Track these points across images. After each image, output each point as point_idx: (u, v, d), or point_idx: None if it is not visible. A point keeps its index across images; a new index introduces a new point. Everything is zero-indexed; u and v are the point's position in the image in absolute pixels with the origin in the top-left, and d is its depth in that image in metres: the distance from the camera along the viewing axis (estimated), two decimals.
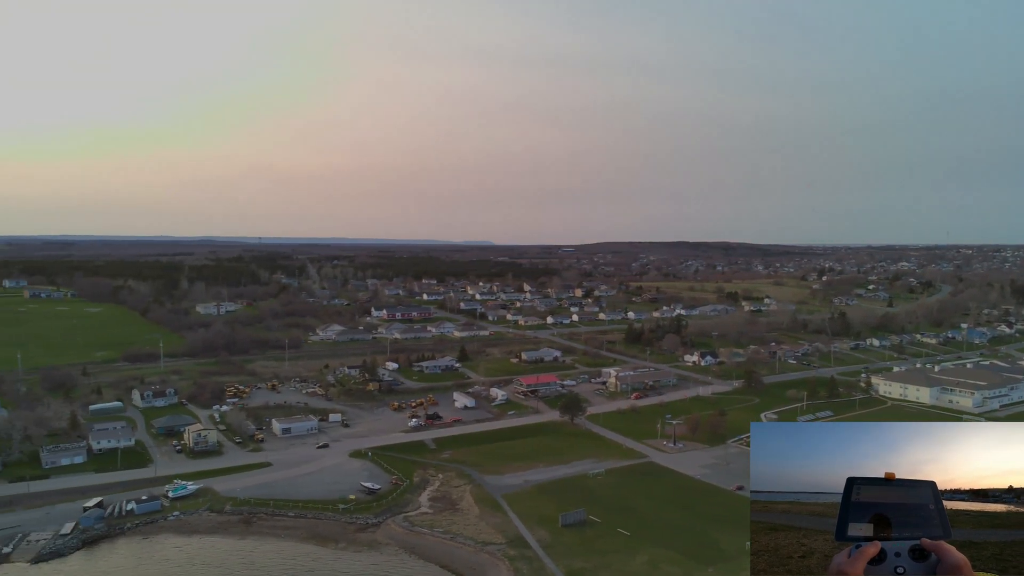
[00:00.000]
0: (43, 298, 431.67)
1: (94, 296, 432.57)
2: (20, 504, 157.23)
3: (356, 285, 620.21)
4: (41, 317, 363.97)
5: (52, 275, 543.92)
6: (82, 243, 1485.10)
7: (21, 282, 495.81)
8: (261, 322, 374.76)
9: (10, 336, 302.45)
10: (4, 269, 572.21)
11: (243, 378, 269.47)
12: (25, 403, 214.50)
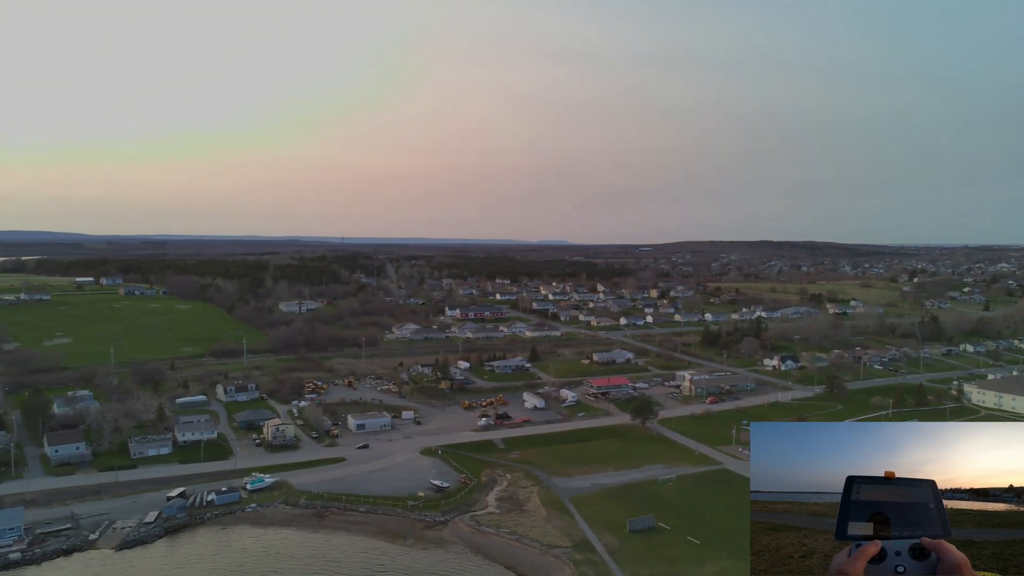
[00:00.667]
0: (137, 295, 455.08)
1: (184, 294, 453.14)
2: (108, 492, 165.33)
3: (432, 285, 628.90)
4: (134, 313, 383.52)
5: (146, 273, 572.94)
6: (176, 242, 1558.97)
7: (117, 280, 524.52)
8: (340, 320, 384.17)
9: (105, 331, 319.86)
10: (102, 267, 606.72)
11: (321, 374, 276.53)
12: (116, 396, 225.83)
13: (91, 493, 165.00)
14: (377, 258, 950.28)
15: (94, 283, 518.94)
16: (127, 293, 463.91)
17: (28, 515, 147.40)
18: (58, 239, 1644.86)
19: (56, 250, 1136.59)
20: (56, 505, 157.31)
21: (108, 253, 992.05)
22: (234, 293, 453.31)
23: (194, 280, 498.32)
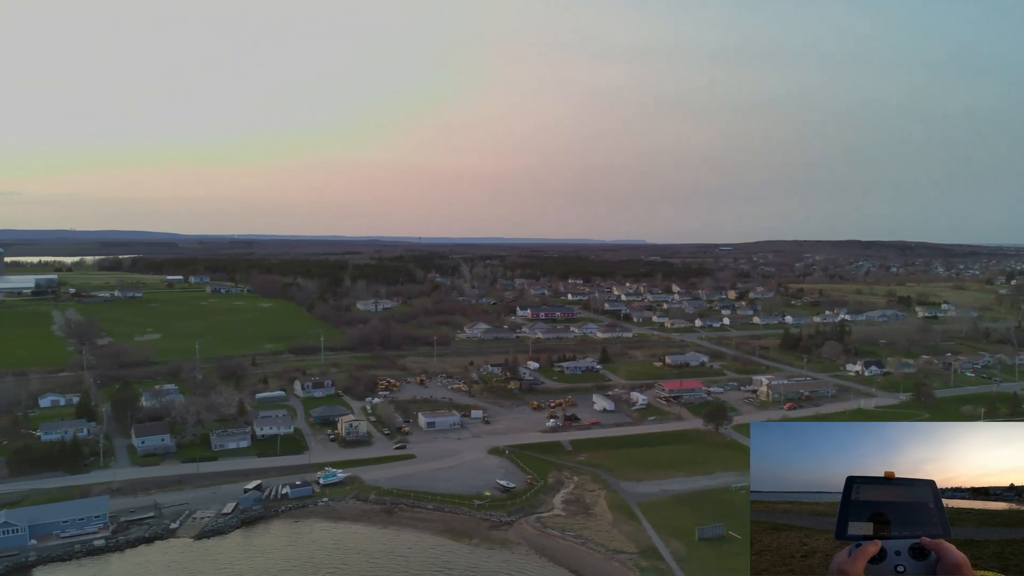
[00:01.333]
0: (222, 293, 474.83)
1: (267, 292, 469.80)
2: (190, 483, 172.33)
3: (504, 284, 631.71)
4: (220, 311, 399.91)
5: (232, 272, 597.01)
6: (264, 242, 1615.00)
7: (205, 278, 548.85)
8: (414, 319, 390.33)
9: (192, 328, 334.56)
10: (191, 266, 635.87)
11: (395, 372, 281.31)
12: (200, 390, 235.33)
13: (173, 483, 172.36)
14: (452, 258, 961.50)
15: (183, 281, 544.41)
16: (214, 291, 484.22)
17: (114, 503, 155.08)
18: (154, 239, 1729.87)
19: (151, 249, 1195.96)
20: (140, 494, 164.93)
21: (199, 252, 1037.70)
22: (314, 292, 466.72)
23: (276, 279, 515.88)
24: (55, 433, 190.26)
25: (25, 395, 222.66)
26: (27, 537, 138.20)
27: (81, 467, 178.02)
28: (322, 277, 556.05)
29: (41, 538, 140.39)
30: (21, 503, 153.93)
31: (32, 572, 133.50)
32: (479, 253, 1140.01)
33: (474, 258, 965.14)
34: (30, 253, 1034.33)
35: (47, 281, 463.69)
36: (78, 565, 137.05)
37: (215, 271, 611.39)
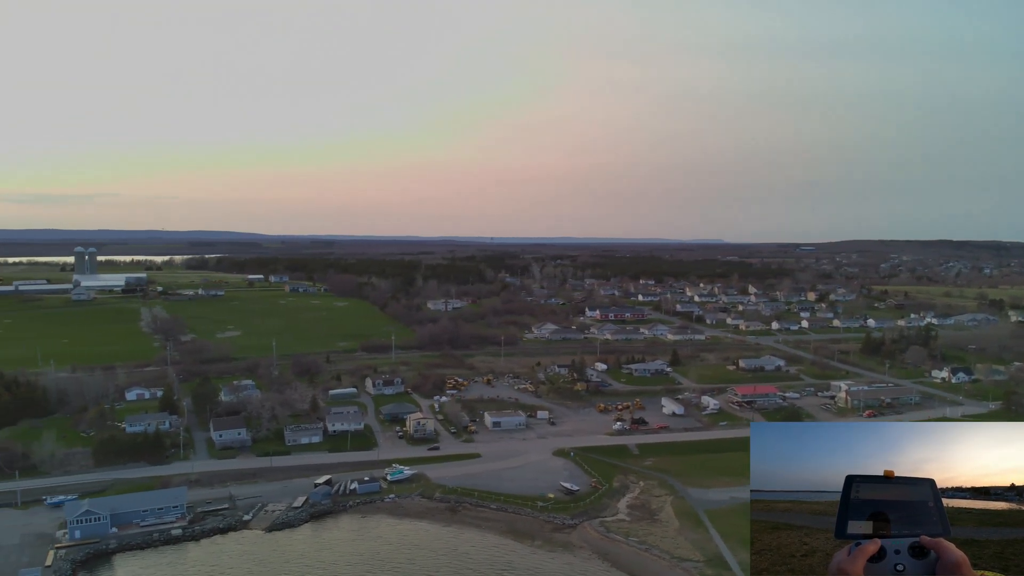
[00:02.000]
0: (300, 292, 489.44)
1: (342, 291, 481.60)
2: (263, 477, 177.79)
3: (573, 285, 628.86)
4: (297, 309, 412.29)
5: (310, 272, 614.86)
6: (342, 242, 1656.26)
7: (284, 277, 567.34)
8: (483, 319, 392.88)
9: (270, 326, 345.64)
10: (271, 266, 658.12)
11: (462, 371, 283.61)
12: (276, 386, 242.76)
13: (248, 476, 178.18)
14: (523, 258, 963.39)
15: (264, 280, 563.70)
16: (292, 290, 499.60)
17: (191, 494, 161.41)
18: (239, 239, 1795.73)
19: (236, 249, 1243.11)
20: (217, 486, 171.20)
21: (280, 252, 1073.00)
22: (387, 291, 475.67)
23: (352, 278, 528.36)
24: (139, 425, 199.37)
25: (112, 388, 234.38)
26: (108, 525, 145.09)
27: (162, 458, 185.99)
28: (395, 277, 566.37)
29: (122, 526, 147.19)
30: (105, 492, 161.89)
31: (113, 559, 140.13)
32: (550, 253, 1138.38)
33: (544, 258, 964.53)
34: (124, 252, 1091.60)
35: (136, 279, 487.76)
36: (156, 553, 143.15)
37: (294, 270, 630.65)
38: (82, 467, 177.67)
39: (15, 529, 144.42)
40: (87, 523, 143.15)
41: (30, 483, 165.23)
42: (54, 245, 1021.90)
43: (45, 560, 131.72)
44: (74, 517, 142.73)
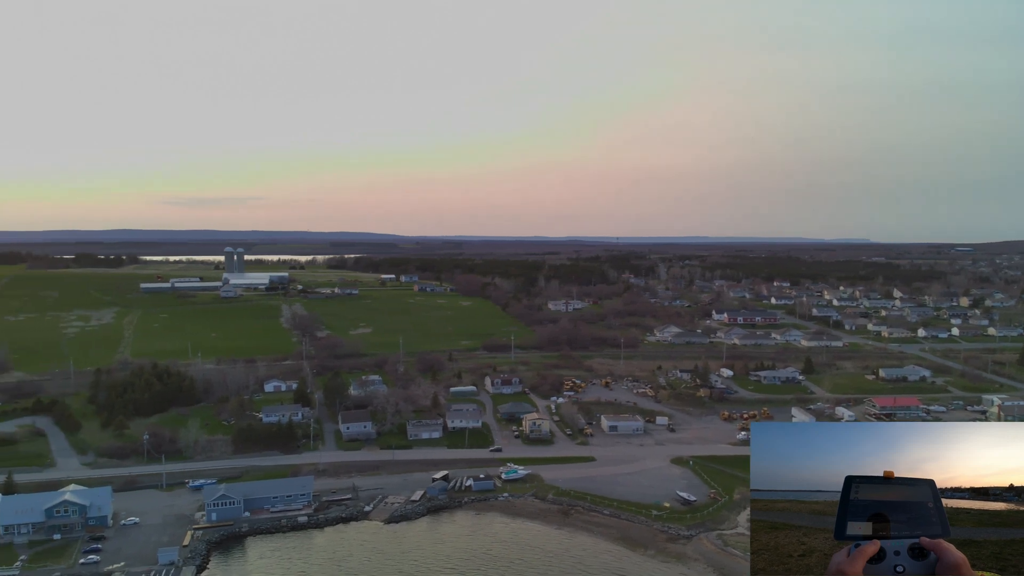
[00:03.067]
0: (427, 291, 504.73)
1: (467, 291, 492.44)
2: (385, 469, 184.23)
3: (701, 286, 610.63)
4: (424, 308, 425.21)
5: (438, 272, 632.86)
6: (472, 243, 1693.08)
7: (413, 277, 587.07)
8: (603, 320, 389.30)
9: (398, 324, 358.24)
10: (402, 266, 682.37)
11: (580, 373, 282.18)
12: (401, 382, 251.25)
13: (371, 468, 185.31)
14: (649, 258, 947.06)
15: (395, 280, 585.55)
16: (420, 289, 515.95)
17: (318, 483, 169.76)
18: (377, 239, 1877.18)
19: (373, 249, 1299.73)
20: (342, 476, 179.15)
21: (414, 252, 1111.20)
22: (509, 291, 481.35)
23: (477, 278, 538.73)
24: (274, 416, 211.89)
25: (253, 380, 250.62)
26: (242, 509, 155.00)
27: (294, 448, 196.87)
28: (518, 277, 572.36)
29: (254, 511, 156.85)
30: (241, 478, 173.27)
31: (245, 542, 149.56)
32: (679, 253, 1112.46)
33: (672, 258, 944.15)
34: (271, 252, 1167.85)
35: (279, 278, 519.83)
36: (283, 538, 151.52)
37: (424, 270, 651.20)
38: (222, 453, 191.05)
39: (158, 510, 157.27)
40: (223, 506, 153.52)
41: (175, 467, 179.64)
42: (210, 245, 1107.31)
43: (183, 540, 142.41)
44: (211, 500, 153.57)
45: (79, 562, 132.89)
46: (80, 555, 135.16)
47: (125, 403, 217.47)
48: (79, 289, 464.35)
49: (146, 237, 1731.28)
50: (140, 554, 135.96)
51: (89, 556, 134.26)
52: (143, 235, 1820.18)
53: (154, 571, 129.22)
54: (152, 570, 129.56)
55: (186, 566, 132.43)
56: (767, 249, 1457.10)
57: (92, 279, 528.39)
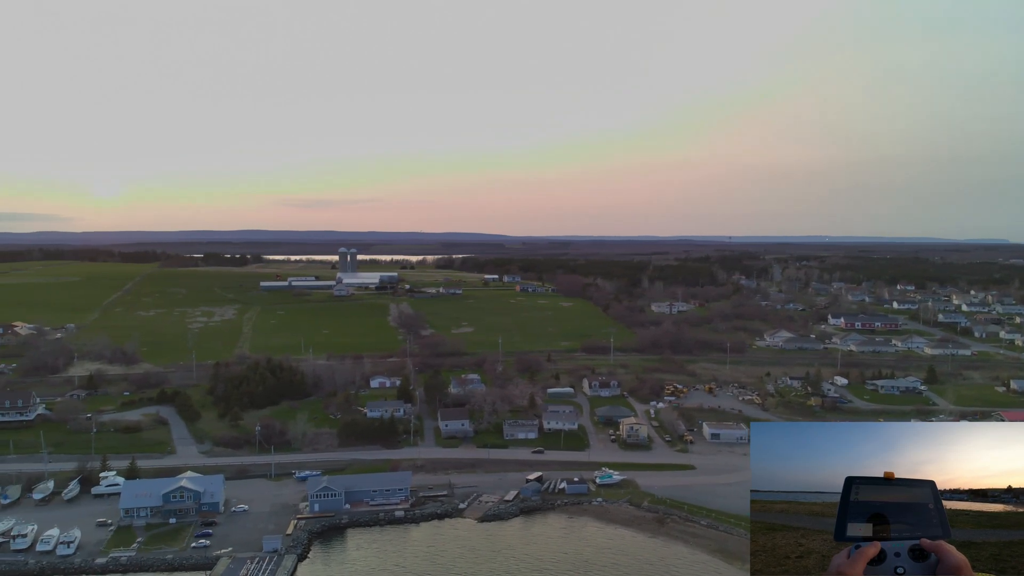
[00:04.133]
0: (529, 292, 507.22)
1: (569, 291, 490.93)
2: (480, 468, 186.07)
3: (817, 288, 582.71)
4: (525, 308, 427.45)
5: (540, 272, 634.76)
6: (578, 243, 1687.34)
7: (516, 278, 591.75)
8: (709, 323, 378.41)
9: (499, 323, 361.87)
10: (506, 266, 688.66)
11: (682, 378, 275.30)
12: (499, 381, 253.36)
13: (467, 466, 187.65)
14: (763, 258, 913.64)
15: (498, 280, 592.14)
16: (522, 290, 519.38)
17: (415, 479, 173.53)
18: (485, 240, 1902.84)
19: (481, 249, 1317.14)
20: (439, 473, 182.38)
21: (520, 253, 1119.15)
22: (611, 292, 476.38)
23: (579, 279, 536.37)
24: (378, 411, 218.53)
25: (359, 376, 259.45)
26: (343, 501, 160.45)
27: (395, 443, 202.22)
28: (621, 277, 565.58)
29: (354, 503, 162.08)
30: (344, 470, 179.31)
31: (345, 533, 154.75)
32: (797, 253, 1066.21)
33: (787, 259, 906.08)
34: (386, 252, 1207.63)
35: (388, 278, 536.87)
36: (381, 531, 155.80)
37: (527, 270, 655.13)
38: (327, 446, 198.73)
39: (267, 499, 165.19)
40: (325, 498, 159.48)
41: (283, 457, 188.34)
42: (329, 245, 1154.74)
43: (287, 528, 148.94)
44: (314, 492, 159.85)
45: (191, 546, 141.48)
46: (192, 539, 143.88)
47: (240, 395, 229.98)
48: (205, 287, 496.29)
49: (270, 237, 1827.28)
50: (247, 540, 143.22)
51: (200, 540, 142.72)
52: (268, 235, 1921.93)
53: (258, 557, 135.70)
54: (257, 556, 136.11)
55: (288, 554, 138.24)
56: (893, 249, 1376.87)
57: (218, 277, 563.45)
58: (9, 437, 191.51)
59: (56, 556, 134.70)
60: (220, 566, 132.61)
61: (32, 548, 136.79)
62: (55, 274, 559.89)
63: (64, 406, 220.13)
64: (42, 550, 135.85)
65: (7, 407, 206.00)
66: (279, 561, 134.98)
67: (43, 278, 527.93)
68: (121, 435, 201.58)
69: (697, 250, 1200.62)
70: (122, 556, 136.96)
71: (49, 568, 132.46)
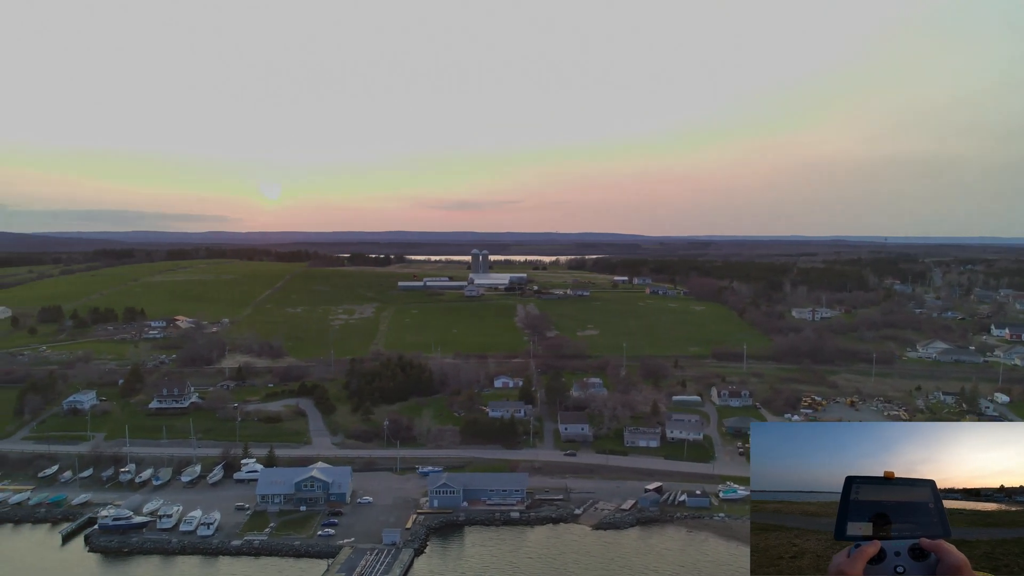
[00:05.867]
0: (659, 294, 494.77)
1: (701, 294, 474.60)
2: (598, 474, 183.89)
3: (981, 295, 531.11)
4: (654, 311, 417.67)
5: (672, 274, 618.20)
6: (719, 243, 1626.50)
7: (646, 280, 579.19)
8: (855, 331, 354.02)
9: (625, 327, 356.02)
10: (637, 267, 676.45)
11: (822, 389, 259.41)
12: (622, 386, 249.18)
13: (585, 471, 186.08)
14: (922, 261, 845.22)
15: (627, 282, 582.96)
16: (652, 292, 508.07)
17: (532, 481, 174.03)
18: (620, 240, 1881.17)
19: (615, 250, 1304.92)
20: (556, 476, 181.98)
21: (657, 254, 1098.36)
22: (748, 296, 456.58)
23: (713, 282, 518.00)
24: (499, 411, 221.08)
25: (483, 376, 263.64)
26: (461, 499, 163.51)
27: (514, 444, 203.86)
28: (760, 280, 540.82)
29: (471, 501, 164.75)
30: (464, 468, 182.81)
31: (463, 530, 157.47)
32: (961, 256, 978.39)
33: (951, 262, 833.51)
34: (521, 253, 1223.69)
35: (518, 279, 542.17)
36: (496, 531, 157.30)
37: (659, 272, 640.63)
38: (450, 443, 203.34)
39: (390, 492, 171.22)
40: (444, 494, 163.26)
41: (408, 452, 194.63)
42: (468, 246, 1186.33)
43: (407, 522, 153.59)
44: (434, 488, 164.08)
45: (317, 534, 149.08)
46: (319, 528, 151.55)
47: (372, 390, 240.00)
48: (348, 285, 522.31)
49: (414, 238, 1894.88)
50: (368, 532, 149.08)
51: (326, 529, 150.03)
52: (411, 236, 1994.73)
53: (377, 549, 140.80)
54: (376, 548, 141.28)
55: (406, 547, 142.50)
56: None
57: (360, 276, 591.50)
58: (164, 422, 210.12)
59: (196, 536, 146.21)
60: (342, 555, 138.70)
61: (176, 528, 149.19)
62: (216, 272, 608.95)
63: (215, 395, 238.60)
64: (185, 530, 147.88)
65: (165, 395, 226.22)
66: (396, 554, 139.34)
67: (205, 275, 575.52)
68: (263, 424, 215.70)
69: (849, 251, 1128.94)
70: (255, 540, 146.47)
71: (190, 547, 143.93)
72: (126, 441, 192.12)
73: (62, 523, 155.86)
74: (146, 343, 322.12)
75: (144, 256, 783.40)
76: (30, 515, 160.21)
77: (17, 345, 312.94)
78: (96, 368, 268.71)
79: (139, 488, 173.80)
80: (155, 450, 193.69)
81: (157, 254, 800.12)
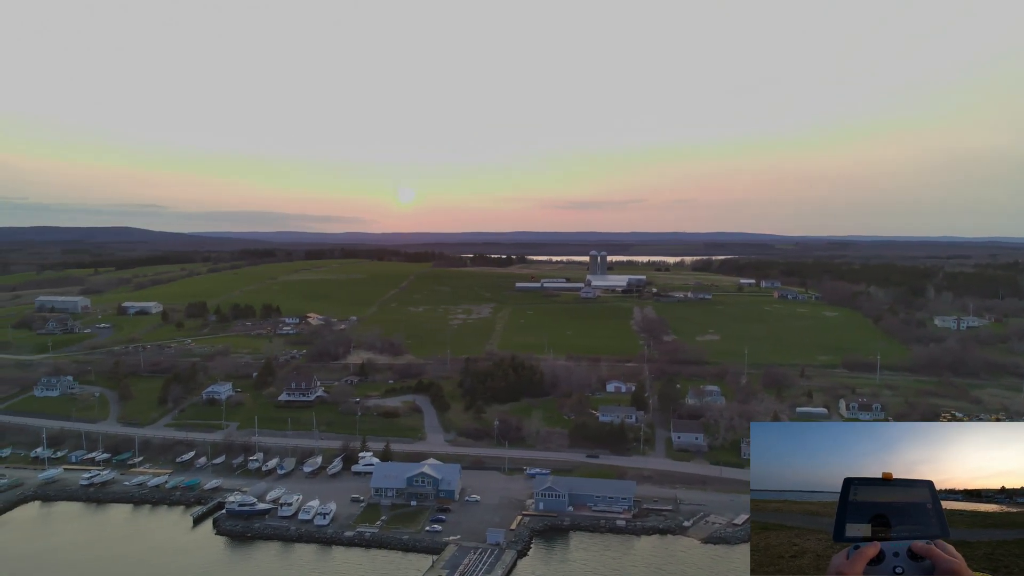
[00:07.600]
0: (788, 299, 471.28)
1: (834, 299, 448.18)
2: (711, 486, 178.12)
3: None
4: (780, 317, 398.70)
5: (804, 277, 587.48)
6: (861, 244, 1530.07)
7: (775, 283, 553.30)
8: (1005, 342, 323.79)
9: (748, 332, 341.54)
10: (765, 270, 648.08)
11: (963, 404, 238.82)
12: (741, 395, 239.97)
13: (697, 482, 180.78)
14: None
15: (754, 285, 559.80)
16: (780, 296, 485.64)
17: (640, 489, 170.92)
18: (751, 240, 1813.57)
19: (746, 250, 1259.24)
20: (666, 486, 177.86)
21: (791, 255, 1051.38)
22: (885, 302, 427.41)
23: (847, 286, 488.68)
24: (609, 416, 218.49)
25: (595, 379, 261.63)
26: (566, 503, 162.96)
27: (624, 450, 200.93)
28: (899, 285, 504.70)
29: (577, 506, 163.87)
30: (571, 472, 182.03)
31: (568, 534, 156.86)
32: None
33: None
34: (644, 253, 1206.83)
35: (636, 281, 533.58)
36: (601, 538, 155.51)
37: (789, 275, 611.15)
38: (559, 446, 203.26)
39: (497, 491, 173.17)
40: (550, 497, 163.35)
41: (517, 453, 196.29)
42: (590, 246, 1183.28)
43: (511, 523, 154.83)
44: (539, 490, 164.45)
45: (424, 529, 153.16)
46: (427, 523, 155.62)
47: (485, 390, 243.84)
48: (468, 285, 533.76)
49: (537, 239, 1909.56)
50: (473, 530, 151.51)
51: (433, 525, 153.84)
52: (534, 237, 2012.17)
53: (481, 548, 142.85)
54: (480, 547, 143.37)
55: (509, 548, 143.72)
56: None
57: (481, 277, 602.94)
58: (291, 414, 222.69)
59: (313, 525, 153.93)
60: (447, 552, 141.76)
61: (295, 516, 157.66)
62: (347, 271, 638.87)
63: (338, 390, 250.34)
64: (303, 519, 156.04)
65: (293, 388, 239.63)
66: (499, 555, 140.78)
67: (337, 275, 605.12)
68: (381, 419, 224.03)
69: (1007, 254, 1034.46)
70: (366, 532, 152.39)
71: (306, 535, 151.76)
72: (255, 431, 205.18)
73: (194, 506, 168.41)
74: (280, 339, 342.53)
75: (284, 256, 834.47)
76: (166, 497, 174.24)
77: (165, 338, 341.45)
78: (233, 361, 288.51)
79: (265, 476, 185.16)
80: (281, 440, 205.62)
81: (296, 254, 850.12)
